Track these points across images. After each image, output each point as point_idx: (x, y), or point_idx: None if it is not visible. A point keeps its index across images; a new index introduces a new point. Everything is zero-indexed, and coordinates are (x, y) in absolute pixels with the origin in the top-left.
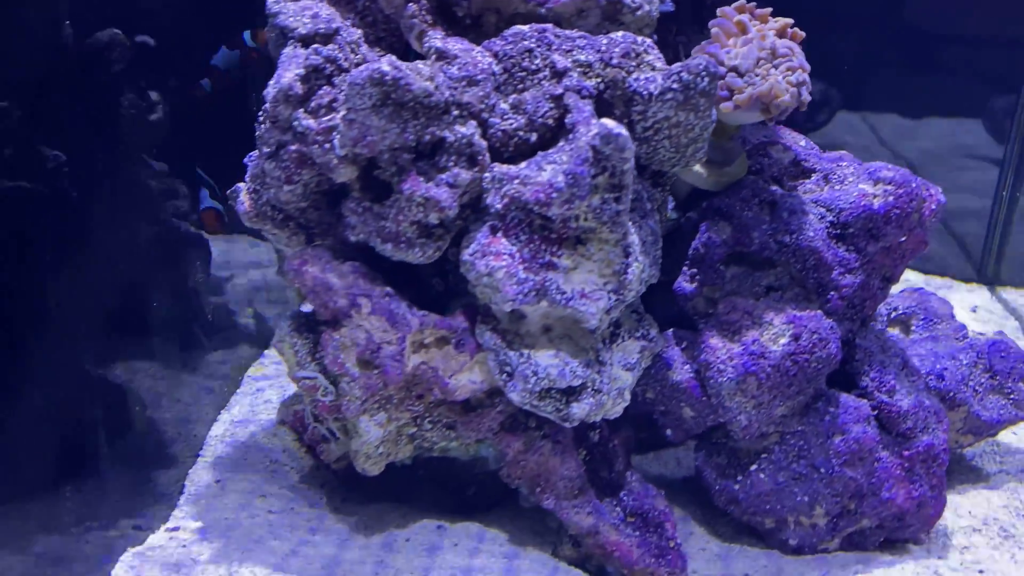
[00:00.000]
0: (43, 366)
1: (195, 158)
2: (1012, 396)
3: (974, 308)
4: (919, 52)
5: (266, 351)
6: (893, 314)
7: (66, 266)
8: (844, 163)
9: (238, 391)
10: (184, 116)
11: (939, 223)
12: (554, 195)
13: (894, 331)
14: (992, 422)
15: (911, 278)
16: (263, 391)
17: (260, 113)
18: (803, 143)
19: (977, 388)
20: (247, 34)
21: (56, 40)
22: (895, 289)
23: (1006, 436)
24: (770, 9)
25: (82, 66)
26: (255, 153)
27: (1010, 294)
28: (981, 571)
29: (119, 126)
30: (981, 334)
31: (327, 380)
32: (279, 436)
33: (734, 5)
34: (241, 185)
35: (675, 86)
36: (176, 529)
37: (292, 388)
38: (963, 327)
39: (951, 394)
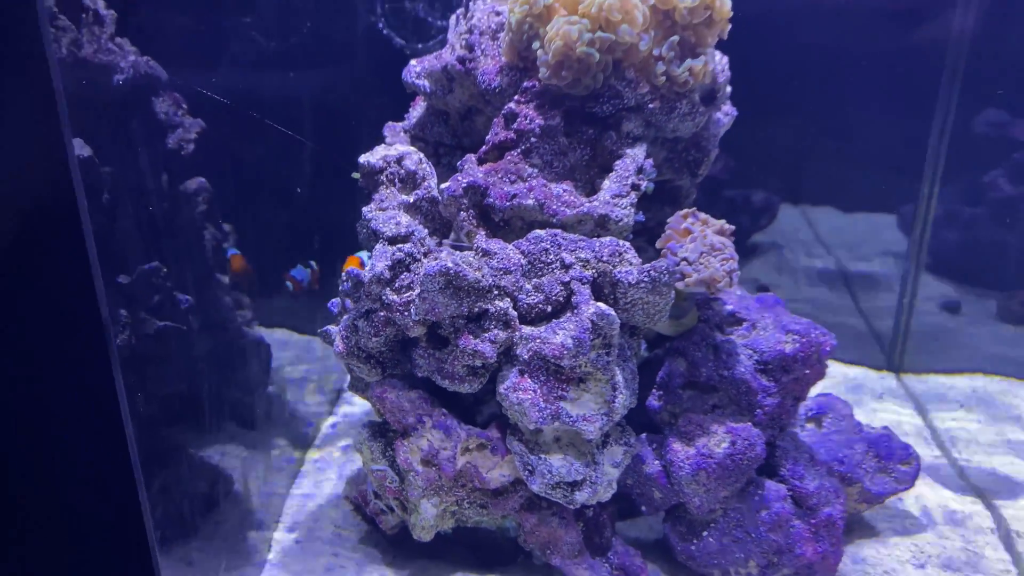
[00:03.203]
0: (174, 451)
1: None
2: (893, 475)
3: (880, 395)
4: (849, 146)
5: (319, 434)
6: (809, 414)
7: (185, 377)
8: (767, 315)
9: (302, 470)
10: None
11: (832, 356)
12: (565, 352)
13: (811, 426)
14: (879, 494)
15: (839, 370)
16: (323, 471)
17: (345, 283)
18: (739, 293)
19: (868, 469)
20: (311, 266)
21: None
22: (825, 385)
23: (892, 502)
24: (708, 217)
25: (176, 208)
26: (336, 301)
27: (910, 380)
28: None
29: (205, 256)
30: (872, 428)
31: (394, 472)
32: (339, 508)
33: (680, 214)
34: (331, 328)
35: (646, 279)
36: None
37: (346, 468)
38: (859, 424)
39: (849, 475)
